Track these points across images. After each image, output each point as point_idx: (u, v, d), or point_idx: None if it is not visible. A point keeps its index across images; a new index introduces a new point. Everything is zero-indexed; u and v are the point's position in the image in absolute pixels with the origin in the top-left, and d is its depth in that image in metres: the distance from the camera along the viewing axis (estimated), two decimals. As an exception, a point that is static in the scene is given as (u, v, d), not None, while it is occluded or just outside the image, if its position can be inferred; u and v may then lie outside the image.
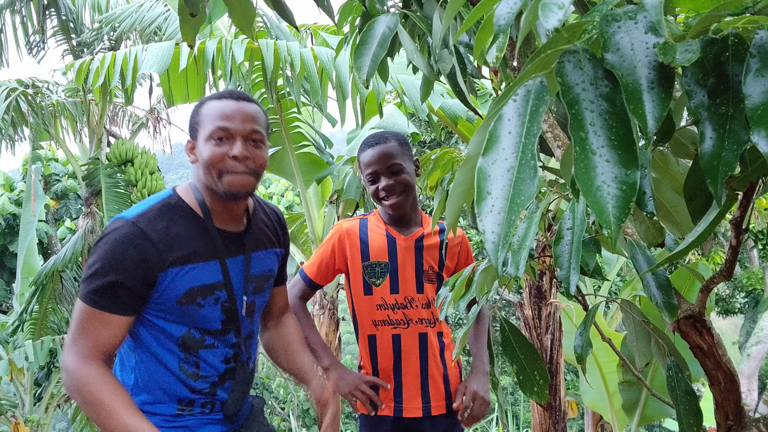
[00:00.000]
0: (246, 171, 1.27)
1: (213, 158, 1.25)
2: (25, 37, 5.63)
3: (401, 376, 1.75)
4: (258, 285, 1.42)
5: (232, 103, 1.29)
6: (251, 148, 1.28)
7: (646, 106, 0.50)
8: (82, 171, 5.43)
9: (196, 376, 1.32)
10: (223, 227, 1.34)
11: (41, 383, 6.63)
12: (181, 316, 1.29)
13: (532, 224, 0.76)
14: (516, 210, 0.52)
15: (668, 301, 0.84)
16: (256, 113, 1.31)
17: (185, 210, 1.31)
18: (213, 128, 1.26)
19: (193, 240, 1.29)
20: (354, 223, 1.83)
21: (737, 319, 14.60)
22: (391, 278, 1.75)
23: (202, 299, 1.29)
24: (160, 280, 1.24)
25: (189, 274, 1.27)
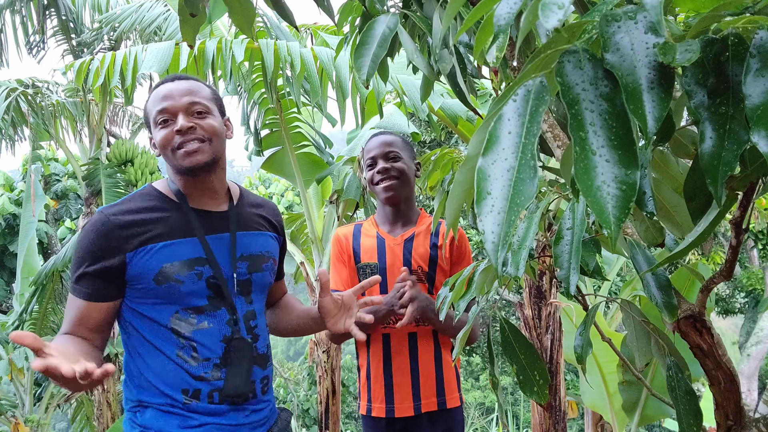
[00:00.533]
0: (196, 139, 1.31)
1: (163, 140, 1.31)
2: (25, 37, 5.63)
3: (392, 375, 1.75)
4: (254, 264, 1.41)
5: (167, 85, 1.35)
6: (195, 119, 1.32)
7: (646, 106, 0.50)
8: (82, 171, 5.43)
9: (195, 359, 1.29)
10: (202, 207, 1.37)
11: (41, 383, 6.63)
12: (164, 296, 1.28)
13: (532, 224, 0.76)
14: (516, 210, 0.52)
15: (668, 301, 0.84)
16: (193, 87, 1.35)
17: (157, 195, 1.36)
18: (155, 114, 1.32)
19: (164, 219, 1.32)
20: (349, 228, 1.88)
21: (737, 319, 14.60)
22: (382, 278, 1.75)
23: (180, 275, 1.29)
24: (128, 259, 1.26)
25: (162, 251, 1.28)
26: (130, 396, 1.33)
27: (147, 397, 1.29)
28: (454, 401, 1.78)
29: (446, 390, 1.77)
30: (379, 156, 1.76)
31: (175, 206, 1.35)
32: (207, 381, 1.30)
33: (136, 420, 1.29)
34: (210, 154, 1.33)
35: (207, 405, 1.29)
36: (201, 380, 1.29)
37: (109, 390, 5.21)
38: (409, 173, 1.78)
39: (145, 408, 1.29)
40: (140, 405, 1.30)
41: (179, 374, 1.29)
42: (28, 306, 5.24)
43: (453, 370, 1.82)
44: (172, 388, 1.28)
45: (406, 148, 1.80)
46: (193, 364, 1.29)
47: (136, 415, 1.30)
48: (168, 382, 1.29)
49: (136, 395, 1.31)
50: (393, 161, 1.75)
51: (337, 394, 3.88)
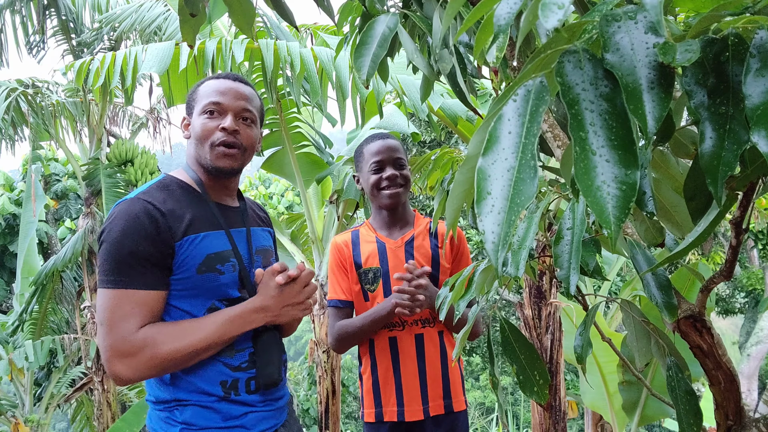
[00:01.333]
0: (234, 144, 1.32)
1: (204, 130, 1.31)
2: (25, 37, 5.62)
3: (400, 378, 1.75)
4: (266, 257, 1.46)
5: (227, 82, 1.36)
6: (241, 125, 1.34)
7: (646, 106, 0.50)
8: (82, 171, 5.43)
9: (232, 350, 1.30)
10: (220, 201, 1.39)
11: (41, 383, 6.64)
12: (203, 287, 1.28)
13: (532, 224, 0.76)
14: (516, 210, 0.52)
15: (668, 301, 0.84)
16: (250, 94, 1.38)
17: (181, 186, 1.35)
18: (206, 102, 1.32)
19: (197, 210, 1.31)
20: (346, 235, 1.88)
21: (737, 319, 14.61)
22: (384, 282, 1.77)
23: (221, 266, 1.30)
24: (177, 249, 1.24)
25: (203, 242, 1.29)
26: (163, 395, 1.29)
27: (184, 395, 1.27)
28: (460, 404, 1.78)
29: (452, 392, 1.77)
30: (387, 162, 1.76)
31: (200, 198, 1.35)
32: (244, 371, 1.31)
33: (176, 418, 1.27)
34: (240, 163, 1.36)
35: (246, 395, 1.31)
36: (238, 370, 1.31)
37: (109, 390, 5.22)
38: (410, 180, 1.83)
39: (185, 406, 1.27)
40: (178, 403, 1.27)
41: (216, 367, 1.29)
42: (28, 306, 5.24)
43: (458, 373, 1.81)
44: (210, 383, 1.28)
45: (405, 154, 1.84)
46: (231, 356, 1.30)
47: (175, 413, 1.27)
48: (205, 378, 1.28)
49: (171, 394, 1.28)
50: (401, 169, 1.78)
51: (337, 394, 3.88)
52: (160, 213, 1.23)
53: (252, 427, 1.30)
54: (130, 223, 1.20)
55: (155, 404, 1.31)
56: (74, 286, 5.84)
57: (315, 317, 3.88)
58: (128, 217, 1.21)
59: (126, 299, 1.19)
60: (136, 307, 1.19)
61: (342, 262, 1.83)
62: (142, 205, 1.23)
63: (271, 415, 1.36)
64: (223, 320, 1.26)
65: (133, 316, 1.19)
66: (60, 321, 5.96)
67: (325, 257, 3.95)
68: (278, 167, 4.05)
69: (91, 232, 5.08)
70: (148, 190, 1.30)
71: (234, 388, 1.29)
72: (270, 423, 1.35)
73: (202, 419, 1.26)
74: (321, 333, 3.83)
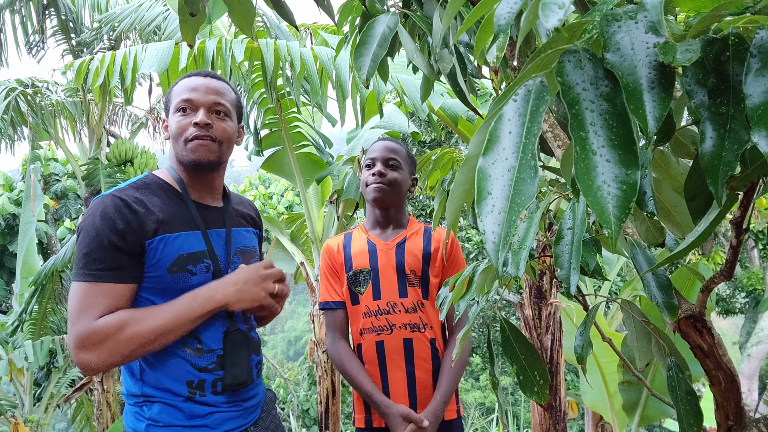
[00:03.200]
0: (209, 137, 1.34)
1: (178, 127, 1.34)
2: (25, 37, 5.62)
3: (387, 384, 1.72)
4: (246, 258, 1.46)
5: (198, 79, 1.38)
6: (214, 119, 1.36)
7: (646, 105, 0.50)
8: (82, 171, 5.43)
9: (200, 351, 1.31)
10: (201, 200, 1.40)
11: (41, 383, 6.63)
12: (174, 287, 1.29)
13: (533, 224, 0.76)
14: (516, 210, 0.52)
15: (669, 301, 0.84)
16: (222, 88, 1.39)
17: (161, 184, 1.37)
18: (178, 101, 1.35)
19: (173, 210, 1.33)
20: (339, 238, 1.88)
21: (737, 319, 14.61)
22: (373, 284, 1.75)
23: (192, 266, 1.31)
24: (147, 248, 1.26)
25: (176, 241, 1.30)
26: (133, 390, 1.33)
27: (152, 392, 1.30)
28: (452, 413, 1.74)
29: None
30: (379, 159, 1.77)
31: (178, 197, 1.37)
32: (210, 372, 1.32)
33: (144, 414, 1.30)
34: (216, 155, 1.37)
35: (211, 396, 1.32)
36: (205, 371, 1.32)
37: (109, 390, 5.21)
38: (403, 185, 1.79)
39: (152, 402, 1.30)
40: (146, 399, 1.30)
41: (183, 367, 1.30)
42: (28, 306, 5.23)
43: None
44: (176, 382, 1.30)
45: (408, 162, 1.81)
46: (198, 356, 1.31)
47: (143, 408, 1.30)
48: (172, 376, 1.30)
49: (140, 389, 1.31)
50: (391, 169, 1.76)
51: (337, 394, 3.87)
52: (131, 210, 1.25)
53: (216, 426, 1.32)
54: (100, 218, 1.23)
55: (127, 398, 1.34)
56: (74, 286, 5.83)
57: (315, 317, 3.87)
58: (100, 213, 1.24)
59: (93, 291, 1.21)
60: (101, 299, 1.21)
61: (333, 264, 1.82)
62: (113, 201, 1.25)
63: (239, 415, 1.36)
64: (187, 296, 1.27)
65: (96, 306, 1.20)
66: (60, 321, 5.96)
67: (325, 257, 3.95)
68: (278, 167, 4.04)
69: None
70: (125, 187, 1.32)
71: (200, 388, 1.31)
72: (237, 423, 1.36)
73: (167, 416, 1.28)
74: (321, 333, 3.82)
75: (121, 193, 1.29)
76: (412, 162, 1.84)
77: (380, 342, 1.73)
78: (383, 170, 1.76)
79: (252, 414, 1.42)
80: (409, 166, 1.82)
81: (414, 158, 1.87)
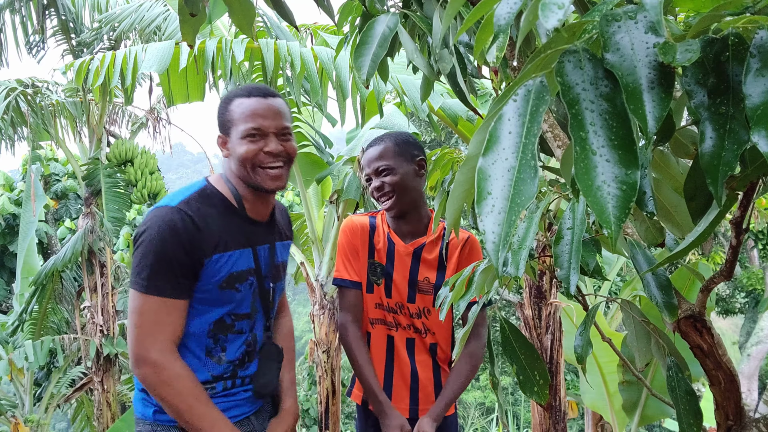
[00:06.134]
0: (280, 165, 1.36)
1: (248, 154, 1.33)
2: (25, 37, 5.62)
3: (392, 376, 1.75)
4: (278, 273, 1.50)
5: (261, 101, 1.35)
6: (283, 142, 1.37)
7: (646, 105, 0.50)
8: (82, 171, 5.43)
9: (221, 360, 1.38)
10: (255, 216, 1.42)
11: (41, 383, 6.63)
12: (220, 300, 1.34)
13: (532, 224, 0.76)
14: (516, 210, 0.52)
15: (668, 301, 0.84)
16: (283, 108, 1.39)
17: (221, 199, 1.38)
18: (246, 127, 1.33)
19: (230, 227, 1.36)
20: (364, 219, 1.82)
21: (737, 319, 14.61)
22: (386, 282, 1.75)
23: (240, 284, 1.36)
24: (206, 265, 1.30)
25: (230, 259, 1.34)
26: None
27: None
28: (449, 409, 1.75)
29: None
30: (371, 173, 1.71)
31: (236, 213, 1.38)
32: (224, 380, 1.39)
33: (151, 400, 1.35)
34: (285, 179, 1.38)
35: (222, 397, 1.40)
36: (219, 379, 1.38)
37: (109, 390, 5.21)
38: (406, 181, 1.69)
39: None
40: None
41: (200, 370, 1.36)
42: (28, 306, 5.23)
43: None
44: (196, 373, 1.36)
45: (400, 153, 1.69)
46: (218, 365, 1.38)
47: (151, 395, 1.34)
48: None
49: None
50: (384, 176, 1.68)
51: (337, 394, 3.87)
52: (196, 227, 1.28)
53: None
54: (168, 231, 1.26)
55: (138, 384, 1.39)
56: (74, 286, 5.83)
57: (315, 317, 3.87)
58: (167, 226, 1.27)
59: (162, 308, 1.27)
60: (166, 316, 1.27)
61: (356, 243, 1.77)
62: (180, 216, 1.28)
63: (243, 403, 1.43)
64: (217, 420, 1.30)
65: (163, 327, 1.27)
66: (60, 321, 5.96)
67: (326, 257, 3.95)
68: (278, 167, 4.03)
69: (91, 232, 5.07)
70: (188, 199, 1.33)
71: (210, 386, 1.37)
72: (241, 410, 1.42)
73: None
74: (321, 333, 3.82)
75: (186, 206, 1.30)
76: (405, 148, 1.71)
77: (390, 337, 1.75)
78: (378, 183, 1.69)
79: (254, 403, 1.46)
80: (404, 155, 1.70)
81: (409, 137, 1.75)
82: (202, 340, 1.35)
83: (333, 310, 3.97)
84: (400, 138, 1.73)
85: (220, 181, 1.41)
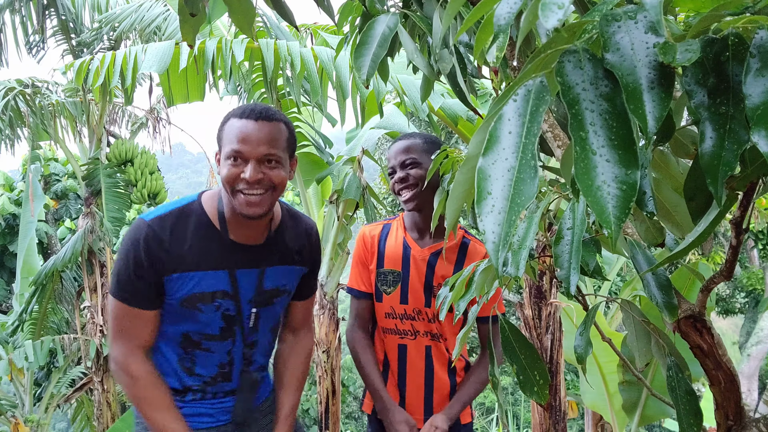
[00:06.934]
0: (258, 193, 1.29)
1: (227, 177, 1.30)
2: (25, 37, 5.62)
3: (405, 386, 1.73)
4: (265, 298, 1.44)
5: (249, 124, 1.29)
6: (265, 169, 1.29)
7: (646, 105, 0.50)
8: (82, 171, 5.43)
9: (191, 372, 1.41)
10: (239, 240, 1.38)
11: (41, 383, 6.63)
12: (182, 317, 1.36)
13: (532, 224, 0.76)
14: (516, 210, 0.52)
15: (668, 301, 0.84)
16: (273, 134, 1.30)
17: (202, 219, 1.36)
18: (229, 150, 1.30)
19: (204, 249, 1.34)
20: (377, 228, 1.82)
21: (737, 319, 14.61)
22: (402, 288, 1.73)
23: (202, 304, 1.35)
24: (166, 282, 1.32)
25: (193, 280, 1.33)
26: None
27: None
28: (466, 417, 1.75)
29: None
30: (397, 165, 1.70)
31: (216, 235, 1.36)
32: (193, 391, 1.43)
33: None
34: (268, 206, 1.32)
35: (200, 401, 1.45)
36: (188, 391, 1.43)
37: (109, 390, 5.21)
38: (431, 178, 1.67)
39: None
40: None
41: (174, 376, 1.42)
42: (28, 306, 5.23)
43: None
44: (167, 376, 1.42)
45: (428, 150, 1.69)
46: (188, 375, 1.41)
47: None
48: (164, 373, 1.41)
49: None
50: (410, 168, 1.67)
51: (337, 394, 3.87)
52: (160, 245, 1.30)
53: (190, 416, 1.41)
54: (131, 246, 1.31)
55: None
56: (74, 286, 5.83)
57: (315, 317, 3.87)
58: (131, 241, 1.31)
59: (126, 314, 1.33)
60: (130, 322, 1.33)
61: (365, 255, 1.78)
62: (146, 233, 1.30)
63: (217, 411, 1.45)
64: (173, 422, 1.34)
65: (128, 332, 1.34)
66: (60, 321, 5.96)
67: (326, 257, 3.95)
68: (278, 167, 4.03)
69: (91, 232, 5.07)
70: (164, 216, 1.33)
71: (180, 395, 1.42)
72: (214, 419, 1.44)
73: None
74: (321, 333, 3.82)
75: (158, 223, 1.32)
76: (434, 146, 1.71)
77: (403, 346, 1.73)
78: (402, 174, 1.68)
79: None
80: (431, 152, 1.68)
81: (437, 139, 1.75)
82: (175, 347, 1.39)
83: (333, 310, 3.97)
84: (429, 137, 1.75)
85: (213, 198, 1.38)
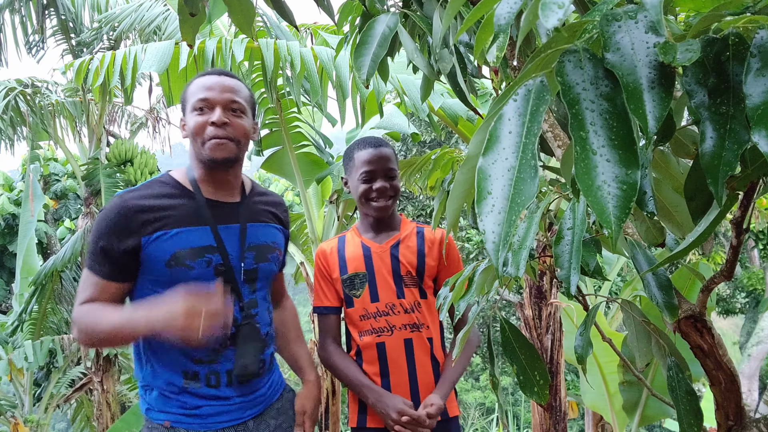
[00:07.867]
0: (226, 136, 1.37)
1: (196, 127, 1.37)
2: (25, 37, 5.62)
3: (389, 384, 1.71)
4: (260, 253, 1.48)
5: (212, 78, 1.40)
6: (231, 117, 1.39)
7: (646, 105, 0.50)
8: (82, 171, 5.43)
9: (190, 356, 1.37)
10: (215, 197, 1.43)
11: (41, 383, 6.63)
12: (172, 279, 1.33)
13: (533, 224, 0.75)
14: (516, 210, 0.52)
15: (669, 301, 0.83)
16: (236, 86, 1.42)
17: (173, 183, 1.42)
18: (195, 100, 1.38)
19: (181, 207, 1.37)
20: (332, 242, 1.86)
21: (738, 319, 14.62)
22: (370, 287, 1.74)
23: (191, 261, 1.35)
24: (144, 243, 1.32)
25: (175, 237, 1.34)
26: (139, 375, 1.43)
27: (150, 380, 1.39)
28: (453, 410, 1.75)
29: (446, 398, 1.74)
30: (378, 173, 1.70)
31: (189, 195, 1.40)
32: (205, 364, 1.37)
33: (146, 398, 1.41)
34: (234, 153, 1.40)
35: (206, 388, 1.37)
36: (199, 363, 1.37)
37: (109, 390, 5.21)
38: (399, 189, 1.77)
39: (152, 390, 1.39)
40: (147, 386, 1.40)
41: (179, 358, 1.36)
42: (28, 306, 5.23)
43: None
44: (173, 372, 1.37)
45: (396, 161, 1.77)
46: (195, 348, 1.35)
47: (146, 393, 1.41)
48: (168, 366, 1.37)
49: (143, 376, 1.41)
50: (391, 180, 1.71)
51: (337, 394, 3.87)
52: (135, 209, 1.32)
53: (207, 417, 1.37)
54: (103, 219, 1.34)
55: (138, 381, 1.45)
56: (74, 286, 5.83)
57: (315, 317, 3.87)
58: (104, 215, 1.35)
59: (88, 280, 1.35)
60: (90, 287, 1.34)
61: (326, 269, 1.80)
62: (117, 203, 1.34)
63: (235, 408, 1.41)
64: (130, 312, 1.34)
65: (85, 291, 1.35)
66: (59, 321, 5.96)
67: (325, 257, 3.94)
68: (278, 167, 4.04)
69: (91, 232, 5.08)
70: (137, 187, 1.39)
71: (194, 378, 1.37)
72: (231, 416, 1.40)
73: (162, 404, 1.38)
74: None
75: (129, 193, 1.36)
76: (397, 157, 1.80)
77: (381, 344, 1.72)
78: (386, 185, 1.70)
79: (252, 408, 1.44)
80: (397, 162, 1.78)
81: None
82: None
83: (333, 310, 3.96)
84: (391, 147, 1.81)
85: (180, 170, 1.46)
